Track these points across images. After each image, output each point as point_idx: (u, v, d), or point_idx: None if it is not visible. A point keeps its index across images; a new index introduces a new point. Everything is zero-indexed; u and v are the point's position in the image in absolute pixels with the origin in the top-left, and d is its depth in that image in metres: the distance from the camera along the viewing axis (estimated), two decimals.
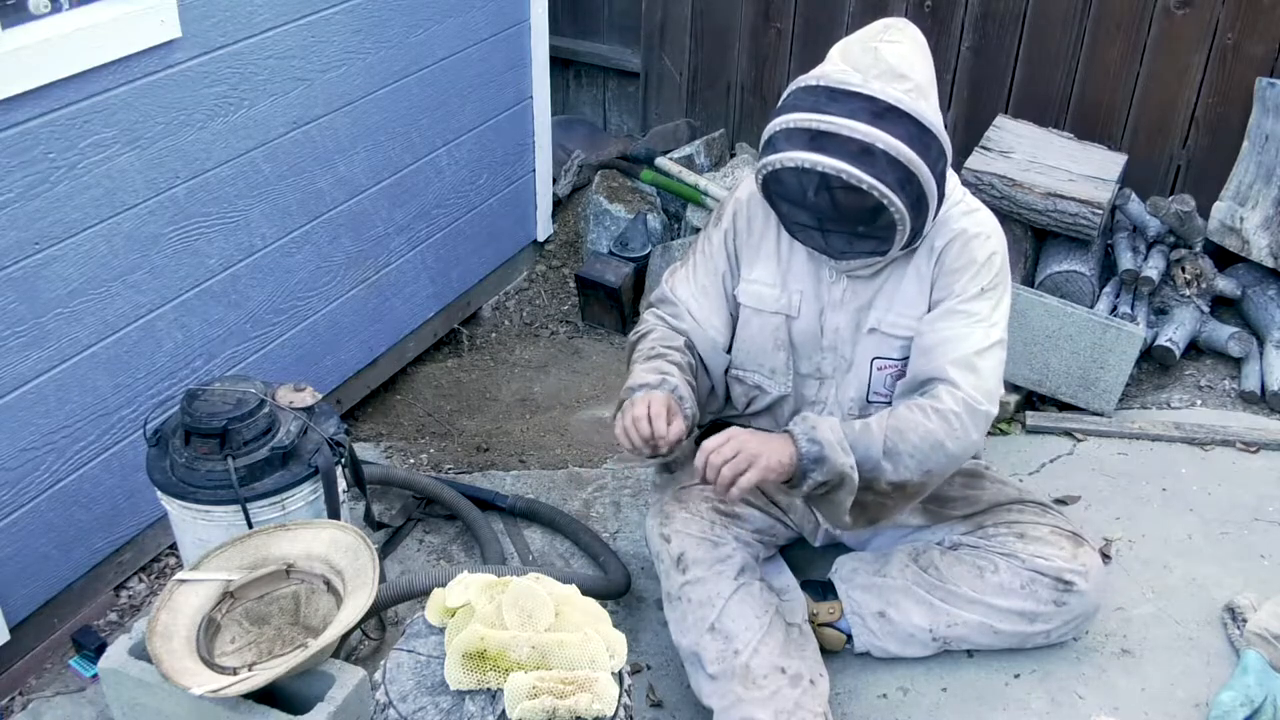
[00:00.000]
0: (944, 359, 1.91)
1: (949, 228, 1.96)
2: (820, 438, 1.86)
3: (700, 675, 1.96)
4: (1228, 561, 2.39)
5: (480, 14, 2.93)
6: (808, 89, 1.82)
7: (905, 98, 1.76)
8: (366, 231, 2.75)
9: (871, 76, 1.77)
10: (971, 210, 1.99)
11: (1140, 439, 2.77)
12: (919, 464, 1.88)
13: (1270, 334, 2.98)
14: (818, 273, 2.03)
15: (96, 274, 2.08)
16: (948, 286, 1.96)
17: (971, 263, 1.95)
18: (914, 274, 1.98)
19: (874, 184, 1.75)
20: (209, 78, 2.20)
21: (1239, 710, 1.98)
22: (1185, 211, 3.03)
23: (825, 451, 1.85)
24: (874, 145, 1.74)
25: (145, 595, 2.35)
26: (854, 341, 2.04)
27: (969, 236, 1.95)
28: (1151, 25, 3.12)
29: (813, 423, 1.89)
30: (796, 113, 1.80)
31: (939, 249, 1.96)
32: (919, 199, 1.81)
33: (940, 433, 1.87)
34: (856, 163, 1.75)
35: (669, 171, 3.56)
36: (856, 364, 2.05)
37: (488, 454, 2.83)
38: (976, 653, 2.15)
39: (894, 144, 1.75)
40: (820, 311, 2.04)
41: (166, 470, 1.93)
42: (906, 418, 1.89)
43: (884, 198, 1.77)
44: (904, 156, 1.75)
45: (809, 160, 1.77)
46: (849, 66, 1.80)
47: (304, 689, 1.70)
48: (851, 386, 2.07)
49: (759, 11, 3.63)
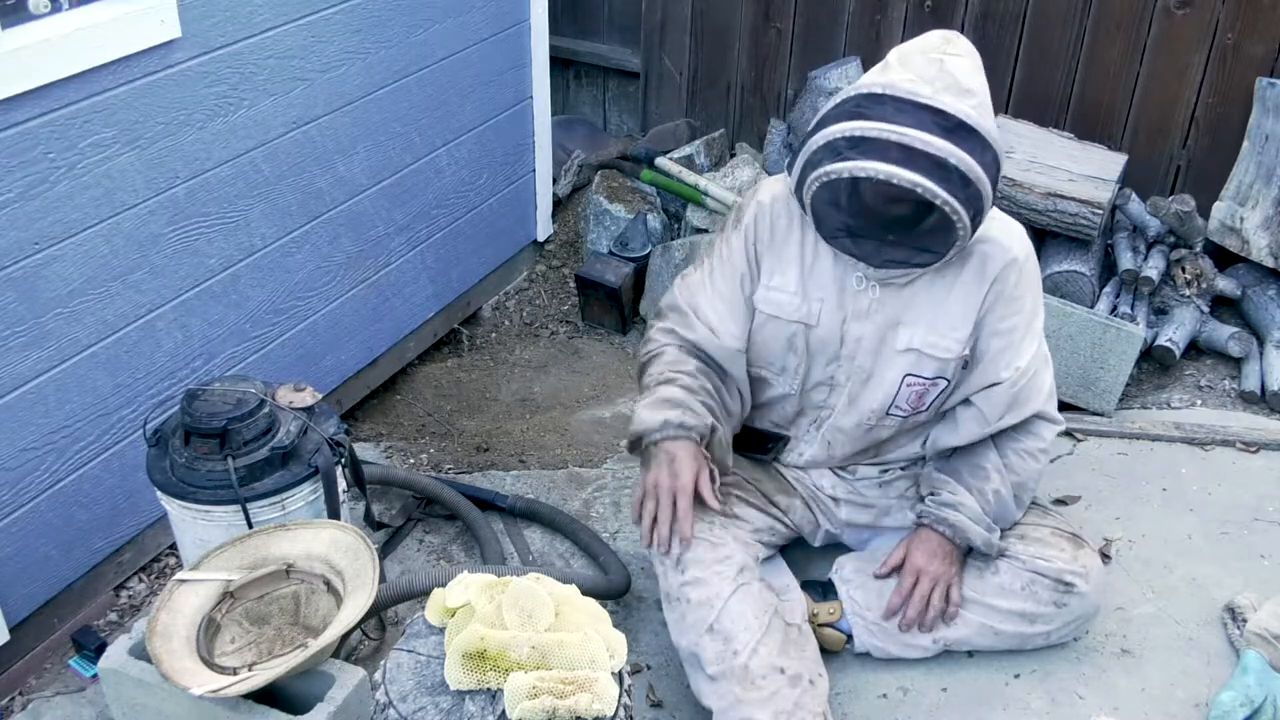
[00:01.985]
0: (1039, 398, 2.04)
1: (999, 247, 1.95)
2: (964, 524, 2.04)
3: (699, 676, 1.96)
4: (1228, 561, 2.39)
5: (480, 14, 2.92)
6: (871, 96, 1.78)
7: (974, 113, 1.75)
8: (366, 231, 2.75)
9: (939, 89, 1.75)
10: (1008, 227, 2.00)
11: (1140, 439, 2.77)
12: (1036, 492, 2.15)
13: (1270, 334, 2.98)
14: (843, 280, 2.00)
15: (96, 274, 2.08)
16: (1012, 317, 1.99)
17: (1031, 290, 2.00)
18: (961, 293, 1.96)
19: (947, 199, 1.74)
20: (209, 78, 2.20)
21: (1239, 710, 1.98)
22: (1185, 211, 3.03)
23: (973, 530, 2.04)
24: (948, 160, 1.73)
25: (145, 595, 2.35)
26: (877, 353, 2.02)
27: (1023, 261, 1.97)
28: (1151, 25, 3.12)
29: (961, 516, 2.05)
30: (863, 120, 1.76)
31: (992, 274, 1.95)
32: (977, 214, 1.81)
33: (1044, 464, 2.10)
34: (932, 178, 1.73)
35: (669, 171, 3.56)
36: (880, 376, 2.03)
37: (488, 454, 2.83)
38: (976, 653, 2.15)
39: (966, 160, 1.73)
40: (843, 320, 2.02)
41: (166, 470, 1.93)
42: (1024, 469, 2.07)
43: (955, 213, 1.76)
44: (974, 174, 1.74)
45: (884, 172, 1.73)
46: (915, 76, 1.77)
47: (304, 689, 1.70)
48: (874, 399, 2.06)
49: (759, 11, 3.63)
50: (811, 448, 2.18)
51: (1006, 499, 2.06)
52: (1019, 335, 1.99)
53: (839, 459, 2.19)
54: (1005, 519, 2.08)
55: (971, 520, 2.03)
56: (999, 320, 1.97)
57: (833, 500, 2.23)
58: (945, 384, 2.03)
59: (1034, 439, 2.06)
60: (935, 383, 2.02)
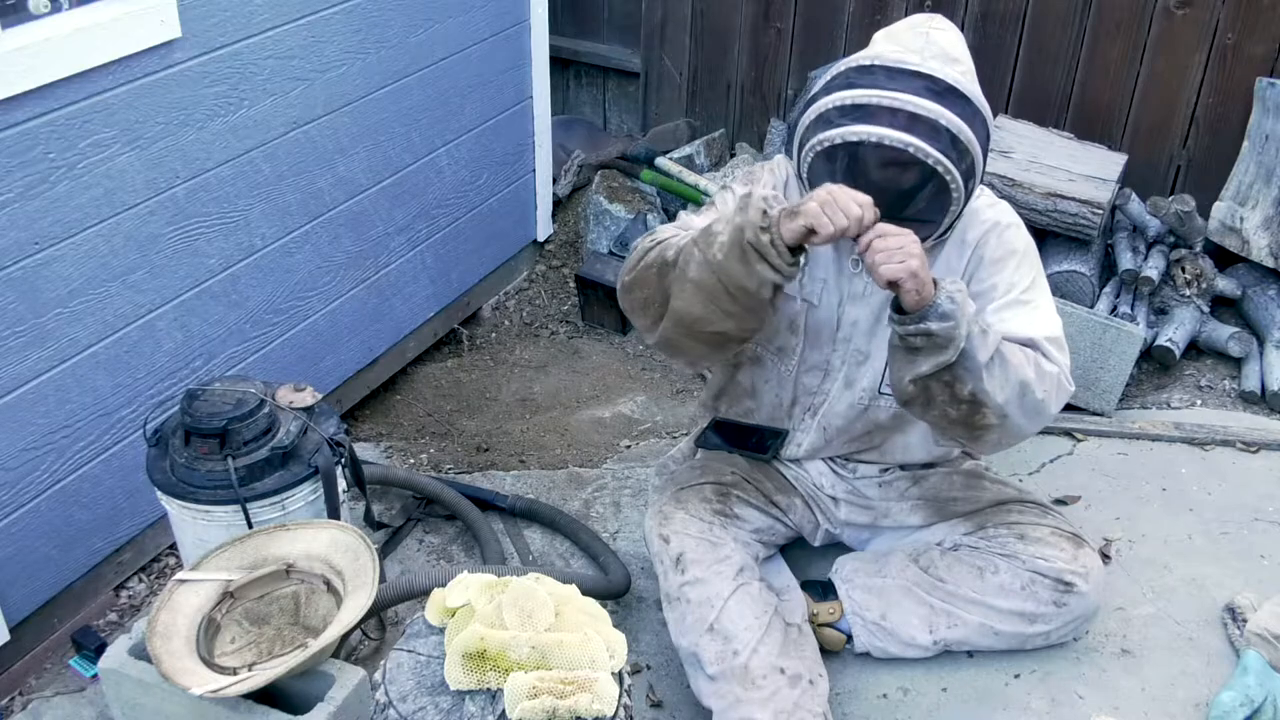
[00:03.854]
0: (1037, 333, 1.87)
1: (978, 219, 1.96)
2: (959, 301, 1.72)
3: (699, 676, 1.96)
4: (1228, 561, 2.39)
5: (480, 14, 2.92)
6: (861, 68, 1.80)
7: (962, 78, 1.78)
8: (366, 231, 2.75)
9: (928, 57, 1.78)
10: (994, 201, 2.00)
11: (1140, 439, 2.77)
12: (1006, 393, 1.80)
13: (1270, 334, 2.98)
14: (840, 263, 2.01)
15: (96, 274, 2.08)
16: (991, 278, 1.94)
17: (1012, 253, 1.95)
18: (944, 268, 1.97)
19: (940, 159, 1.75)
20: (209, 78, 2.20)
21: (1239, 710, 1.98)
22: (1185, 211, 3.03)
23: (958, 314, 1.72)
24: (939, 122, 1.75)
25: (145, 595, 2.35)
26: (872, 335, 2.03)
27: (1003, 227, 1.95)
28: (1151, 25, 3.12)
29: (959, 293, 1.73)
30: (854, 89, 1.78)
31: (973, 241, 1.95)
32: (969, 179, 1.81)
33: (1034, 383, 1.82)
34: (925, 139, 1.74)
35: (669, 171, 3.56)
36: (875, 357, 2.04)
37: (488, 454, 2.83)
38: (976, 653, 2.15)
39: (957, 122, 1.75)
40: (839, 303, 2.03)
41: (166, 470, 1.93)
42: (1015, 351, 1.82)
43: (948, 174, 1.77)
44: (964, 136, 1.76)
45: (877, 134, 1.74)
46: (902, 48, 1.80)
47: (304, 689, 1.70)
48: (865, 378, 2.06)
49: (759, 11, 3.63)
50: (809, 436, 2.17)
51: (989, 344, 1.77)
52: (998, 293, 1.94)
53: (838, 446, 2.18)
54: (973, 358, 1.75)
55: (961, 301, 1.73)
56: (977, 283, 1.96)
57: (832, 500, 2.23)
58: None
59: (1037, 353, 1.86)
60: None
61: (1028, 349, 1.87)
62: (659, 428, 2.94)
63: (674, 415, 2.99)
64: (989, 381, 1.77)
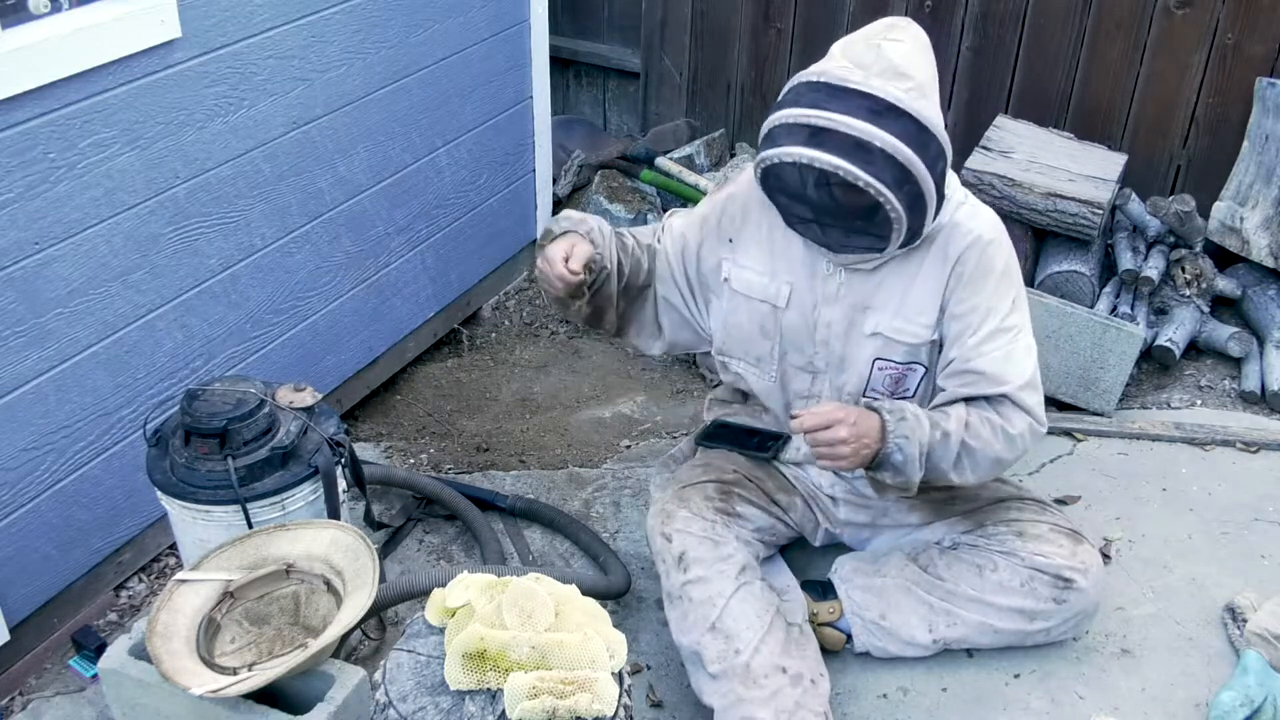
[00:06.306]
0: (1011, 383, 1.95)
1: (960, 231, 1.94)
2: (908, 451, 1.90)
3: (701, 674, 1.96)
4: (1228, 561, 2.39)
5: (480, 14, 2.92)
6: (809, 84, 1.82)
7: (905, 96, 1.76)
8: (366, 231, 2.75)
9: (873, 74, 1.77)
10: (976, 212, 1.98)
11: (1140, 439, 2.77)
12: (979, 477, 1.99)
13: (1270, 334, 2.98)
14: (813, 265, 2.02)
15: (96, 274, 2.08)
16: (972, 299, 1.95)
17: (990, 272, 1.95)
18: (924, 278, 1.96)
19: (870, 181, 1.75)
20: (209, 78, 2.20)
21: (1239, 710, 1.98)
22: (1185, 211, 3.03)
23: (906, 465, 1.91)
24: (871, 143, 1.74)
25: (145, 595, 2.35)
26: (847, 338, 2.03)
27: (984, 244, 1.94)
28: (1151, 25, 3.12)
29: (908, 429, 1.90)
30: (796, 108, 1.80)
31: (954, 256, 1.94)
32: (916, 199, 1.80)
33: (1005, 454, 1.96)
34: (853, 159, 1.74)
35: (669, 171, 3.56)
36: (852, 361, 2.05)
37: (488, 454, 2.83)
38: (976, 653, 2.15)
39: (891, 142, 1.74)
40: (814, 305, 2.04)
41: (166, 470, 1.93)
42: (982, 436, 1.94)
43: (880, 195, 1.76)
44: (901, 155, 1.75)
45: (806, 156, 1.77)
46: (851, 63, 1.80)
47: (304, 689, 1.70)
48: (849, 382, 2.07)
49: (759, 11, 3.63)
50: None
51: (952, 448, 1.92)
52: (978, 318, 1.95)
53: None
54: (937, 469, 1.94)
55: (918, 436, 1.90)
56: (957, 304, 1.96)
57: (831, 500, 2.23)
58: (923, 369, 2.03)
59: (1002, 419, 1.95)
60: (911, 368, 2.02)
61: (997, 411, 1.95)
62: (659, 428, 2.94)
63: (674, 415, 2.99)
64: (958, 475, 1.96)
